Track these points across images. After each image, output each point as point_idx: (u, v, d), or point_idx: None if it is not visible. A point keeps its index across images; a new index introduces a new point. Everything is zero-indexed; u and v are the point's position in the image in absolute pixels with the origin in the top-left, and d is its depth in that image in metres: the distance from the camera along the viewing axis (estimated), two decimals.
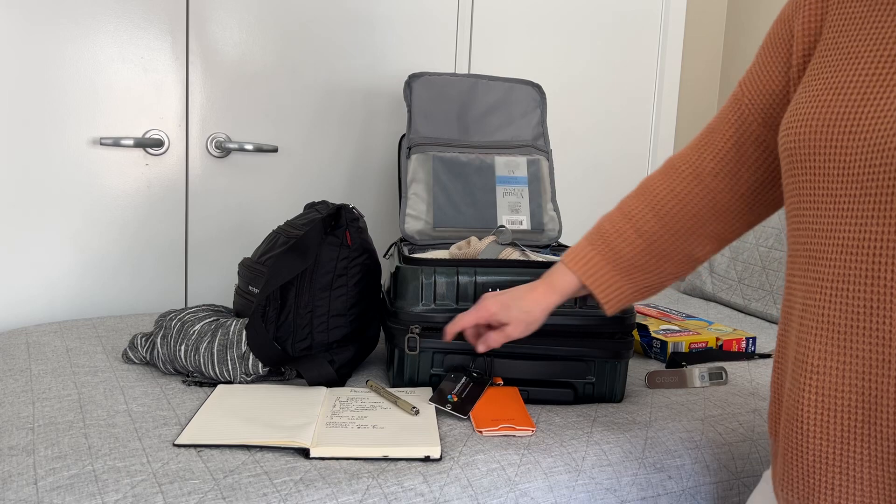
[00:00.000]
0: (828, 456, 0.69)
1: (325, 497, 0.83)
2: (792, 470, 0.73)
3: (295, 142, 1.83)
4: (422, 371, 1.15)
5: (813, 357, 0.70)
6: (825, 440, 0.69)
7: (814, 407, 0.70)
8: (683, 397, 1.21)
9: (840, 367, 0.68)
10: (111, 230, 1.67)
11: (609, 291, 0.93)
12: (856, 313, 0.67)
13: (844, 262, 0.68)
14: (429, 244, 1.50)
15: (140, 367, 1.23)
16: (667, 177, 0.92)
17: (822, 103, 0.70)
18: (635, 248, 0.92)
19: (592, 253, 0.94)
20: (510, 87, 1.66)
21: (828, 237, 0.69)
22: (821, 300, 0.70)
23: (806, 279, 0.72)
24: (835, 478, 0.69)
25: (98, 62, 1.61)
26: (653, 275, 0.93)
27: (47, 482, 0.83)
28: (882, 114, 0.64)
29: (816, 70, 0.74)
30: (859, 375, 0.67)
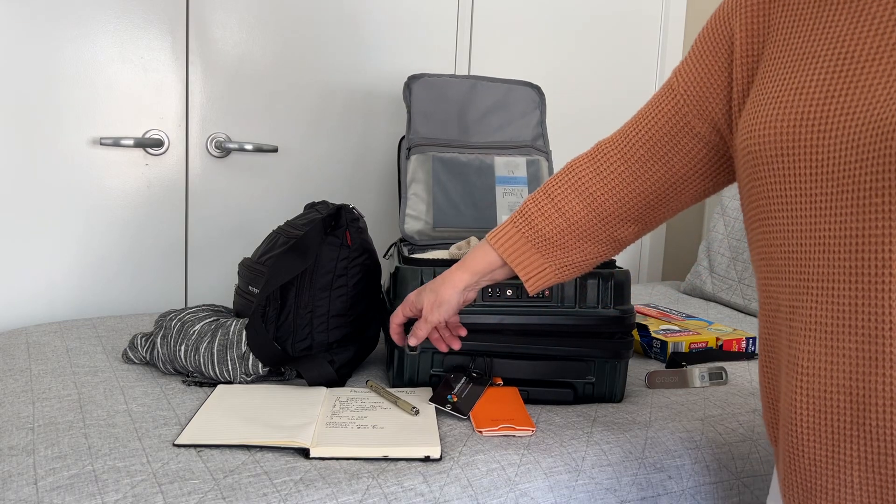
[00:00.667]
0: (821, 459, 0.69)
1: (325, 497, 0.83)
2: (791, 474, 0.73)
3: (295, 142, 1.83)
4: (422, 371, 1.15)
5: (802, 359, 0.70)
6: (818, 443, 0.69)
7: (806, 410, 0.70)
8: (683, 397, 1.21)
9: (829, 367, 0.68)
10: (111, 230, 1.67)
11: (530, 269, 0.94)
12: (842, 312, 0.67)
13: (827, 260, 0.67)
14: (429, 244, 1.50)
15: (140, 367, 1.23)
16: (593, 160, 0.92)
17: (783, 104, 0.70)
18: (556, 227, 0.92)
19: (513, 231, 0.94)
20: (509, 88, 1.66)
21: (807, 238, 0.69)
22: (808, 301, 0.70)
23: (790, 280, 0.72)
24: (828, 481, 0.69)
25: (98, 62, 1.61)
26: (574, 253, 0.93)
27: (47, 482, 0.83)
28: (850, 110, 0.64)
29: (770, 71, 0.74)
30: (847, 375, 0.66)
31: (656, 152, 0.89)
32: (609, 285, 1.14)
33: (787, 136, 0.69)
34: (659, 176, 0.89)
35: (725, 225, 2.04)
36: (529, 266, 0.94)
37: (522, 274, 0.94)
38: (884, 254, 0.63)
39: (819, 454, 0.69)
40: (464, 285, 0.98)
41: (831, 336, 0.68)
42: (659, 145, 0.88)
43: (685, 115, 0.86)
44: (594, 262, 0.95)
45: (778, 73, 0.73)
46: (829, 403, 0.68)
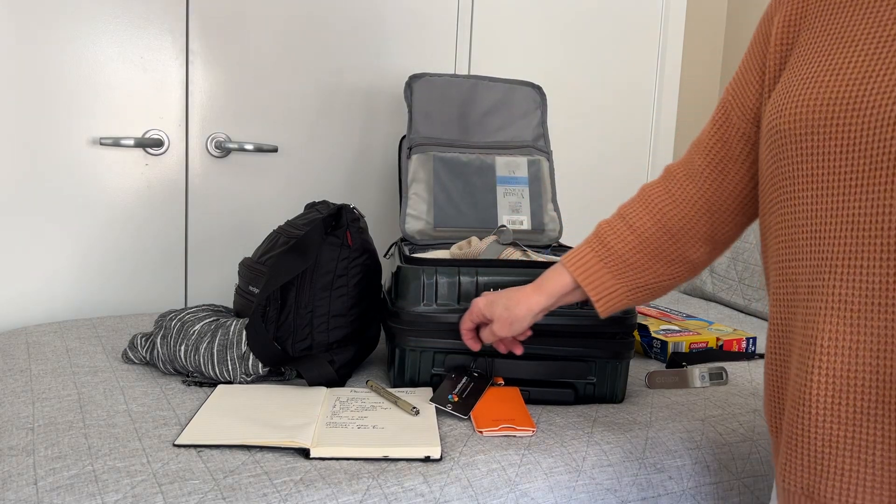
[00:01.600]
0: (838, 439, 0.68)
1: (325, 497, 0.83)
2: (797, 457, 0.72)
3: (295, 142, 1.83)
4: (423, 371, 1.15)
5: (822, 339, 0.69)
6: (835, 423, 0.68)
7: (823, 389, 0.69)
8: (684, 397, 1.21)
9: (853, 346, 0.67)
10: (111, 230, 1.67)
11: (601, 290, 0.94)
12: (870, 290, 0.66)
13: (855, 238, 0.67)
14: (429, 244, 1.50)
15: (140, 367, 1.23)
16: (662, 179, 0.95)
17: (817, 84, 0.70)
18: (628, 245, 0.93)
19: (587, 252, 0.95)
20: (511, 88, 1.66)
21: (834, 216, 0.69)
22: (831, 279, 0.69)
23: (811, 259, 0.71)
24: (845, 462, 0.68)
25: (98, 62, 1.61)
26: (646, 274, 0.93)
27: (47, 482, 0.83)
28: (887, 89, 0.65)
29: (804, 55, 0.75)
30: (874, 354, 0.66)
31: (712, 160, 0.90)
32: None
33: (818, 115, 0.69)
34: (719, 185, 0.90)
35: None
36: (601, 287, 0.94)
37: (594, 295, 0.94)
38: None
39: (836, 435, 0.68)
40: (539, 308, 0.98)
41: (858, 314, 0.67)
42: (713, 153, 0.90)
43: (731, 118, 0.88)
44: (667, 286, 0.95)
45: (812, 57, 0.73)
46: (851, 382, 0.67)
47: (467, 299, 1.13)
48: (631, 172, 2.33)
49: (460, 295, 1.13)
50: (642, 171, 2.35)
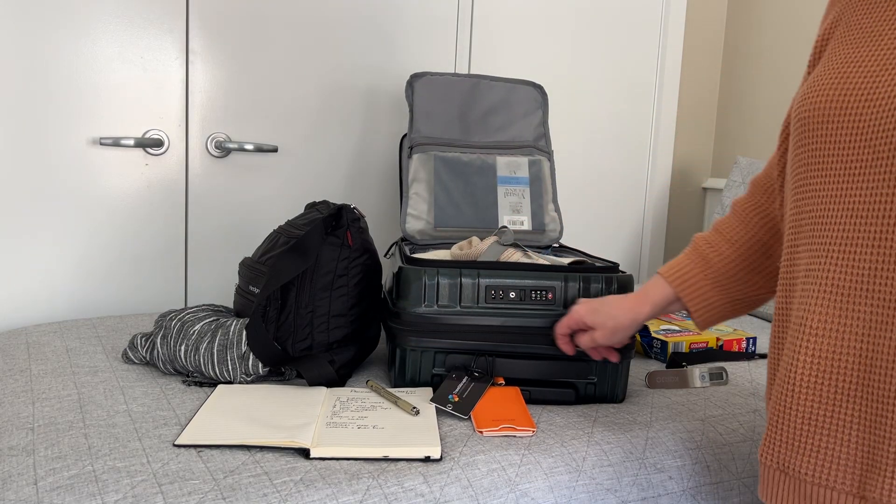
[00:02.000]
0: (818, 417, 0.71)
1: (326, 497, 0.83)
2: (778, 432, 0.74)
3: (295, 142, 1.83)
4: (423, 371, 1.15)
5: (813, 320, 0.72)
6: (817, 401, 0.71)
7: (808, 368, 0.72)
8: (684, 397, 1.21)
9: (840, 329, 0.70)
10: (111, 230, 1.67)
11: (699, 301, 0.97)
12: (861, 275, 0.69)
13: (853, 225, 0.70)
14: (430, 244, 1.50)
15: (140, 367, 1.23)
16: (749, 194, 0.98)
17: (841, 75, 0.73)
18: (726, 258, 0.96)
19: (687, 263, 0.99)
20: (512, 88, 1.66)
21: (836, 202, 0.71)
22: (826, 264, 0.71)
23: (811, 244, 0.74)
24: (822, 439, 0.71)
25: (98, 62, 1.61)
26: (745, 287, 0.96)
27: (47, 482, 0.83)
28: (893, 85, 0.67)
29: (836, 48, 0.77)
30: (859, 337, 0.69)
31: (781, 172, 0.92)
32: (612, 290, 1.14)
33: (836, 104, 0.72)
34: None
35: None
36: (700, 298, 0.97)
37: (692, 306, 0.98)
38: None
39: (816, 412, 0.71)
40: (643, 318, 1.01)
41: (847, 298, 0.70)
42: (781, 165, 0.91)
43: None
44: (764, 298, 0.97)
45: (842, 50, 0.76)
46: (837, 364, 0.70)
47: (468, 300, 1.13)
48: (631, 172, 2.33)
49: (462, 296, 1.13)
50: (642, 171, 2.35)
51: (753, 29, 2.31)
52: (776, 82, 2.22)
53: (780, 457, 0.74)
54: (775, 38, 2.24)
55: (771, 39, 2.25)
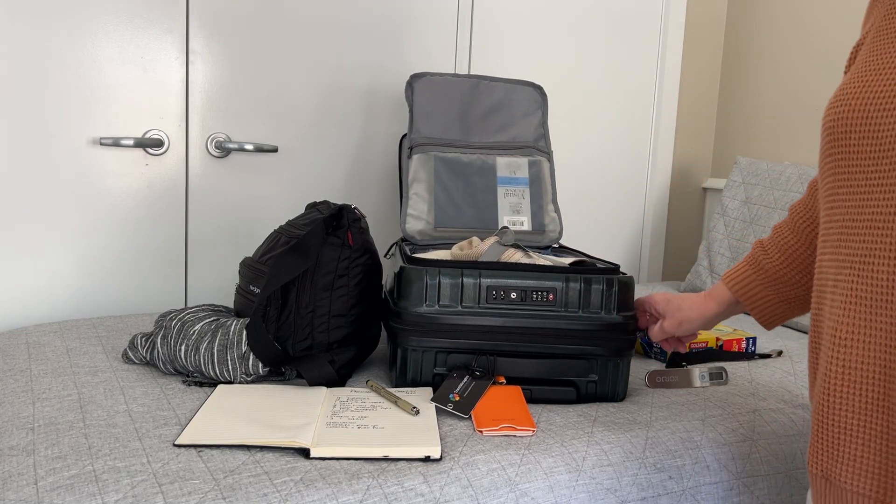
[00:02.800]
0: (851, 427, 0.72)
1: (326, 497, 0.83)
2: (820, 442, 0.76)
3: (295, 142, 1.83)
4: (425, 370, 1.15)
5: (842, 331, 0.73)
6: (850, 412, 0.72)
7: (841, 379, 0.72)
8: (683, 397, 1.21)
9: (866, 340, 0.70)
10: (111, 230, 1.67)
11: (756, 302, 1.06)
12: (881, 287, 0.69)
13: (873, 237, 0.70)
14: (430, 244, 1.50)
15: (140, 367, 1.23)
16: (804, 196, 1.03)
17: (865, 83, 0.73)
18: (777, 263, 1.04)
19: (744, 268, 1.08)
20: (512, 88, 1.66)
21: (859, 213, 0.72)
22: (850, 275, 0.72)
23: (838, 255, 0.74)
24: (857, 449, 0.72)
25: (98, 62, 1.61)
26: (797, 288, 1.04)
27: (47, 482, 0.83)
28: None
29: (864, 56, 0.77)
30: (882, 348, 0.69)
31: None
32: (613, 291, 1.14)
33: (858, 114, 0.72)
34: None
35: (725, 225, 2.04)
36: (755, 297, 1.06)
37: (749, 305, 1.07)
38: None
39: (850, 422, 0.72)
40: (712, 315, 1.10)
41: (870, 310, 0.70)
42: None
43: None
44: None
45: (869, 57, 0.75)
46: (864, 374, 0.71)
47: (470, 301, 1.13)
48: (631, 173, 2.33)
49: (463, 296, 1.13)
50: (642, 171, 2.35)
51: (753, 29, 2.31)
52: (776, 82, 2.22)
53: (823, 465, 0.75)
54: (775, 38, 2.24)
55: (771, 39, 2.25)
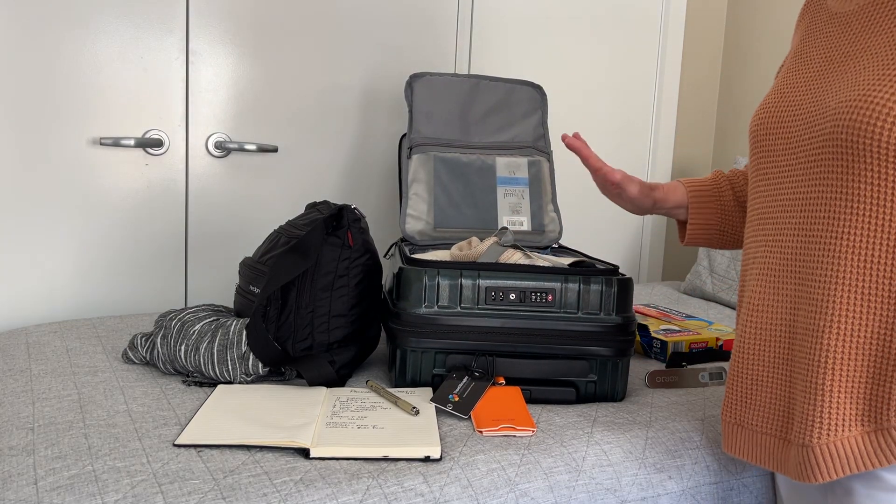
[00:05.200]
0: (762, 379, 0.87)
1: (325, 497, 0.83)
2: (735, 394, 0.91)
3: (295, 142, 1.83)
4: (424, 371, 1.15)
5: (755, 298, 0.88)
6: (761, 366, 0.87)
7: (754, 339, 0.88)
8: (683, 397, 1.21)
9: (774, 304, 0.86)
10: (111, 230, 1.67)
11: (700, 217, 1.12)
12: (787, 259, 0.84)
13: (782, 219, 0.85)
14: (429, 244, 1.50)
15: (140, 367, 1.23)
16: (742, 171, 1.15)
17: (780, 96, 0.89)
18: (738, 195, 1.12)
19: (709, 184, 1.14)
20: (511, 88, 1.66)
21: (773, 201, 0.87)
22: (764, 252, 0.88)
23: (756, 236, 0.90)
24: (765, 397, 0.87)
25: (98, 62, 1.61)
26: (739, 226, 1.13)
27: (47, 482, 0.83)
28: (820, 100, 0.82)
29: (783, 73, 0.93)
30: (787, 311, 0.84)
31: None
32: (612, 292, 1.14)
33: (773, 120, 0.88)
34: None
35: None
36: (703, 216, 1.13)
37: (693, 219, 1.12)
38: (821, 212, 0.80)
39: (761, 375, 0.87)
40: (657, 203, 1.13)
41: (778, 279, 0.85)
42: None
43: None
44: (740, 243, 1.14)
45: (785, 74, 0.92)
46: (772, 333, 0.86)
47: (468, 302, 1.13)
48: (631, 172, 2.33)
49: (462, 297, 1.13)
50: (643, 171, 2.35)
51: (753, 29, 2.31)
52: None
53: (737, 413, 0.91)
54: (775, 39, 2.24)
55: (771, 39, 2.25)
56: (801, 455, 0.81)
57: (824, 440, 0.79)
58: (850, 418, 0.79)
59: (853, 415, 0.79)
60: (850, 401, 0.79)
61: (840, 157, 0.78)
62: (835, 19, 0.87)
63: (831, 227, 0.79)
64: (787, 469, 0.84)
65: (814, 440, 0.80)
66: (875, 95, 0.75)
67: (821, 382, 0.79)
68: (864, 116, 0.75)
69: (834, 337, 0.78)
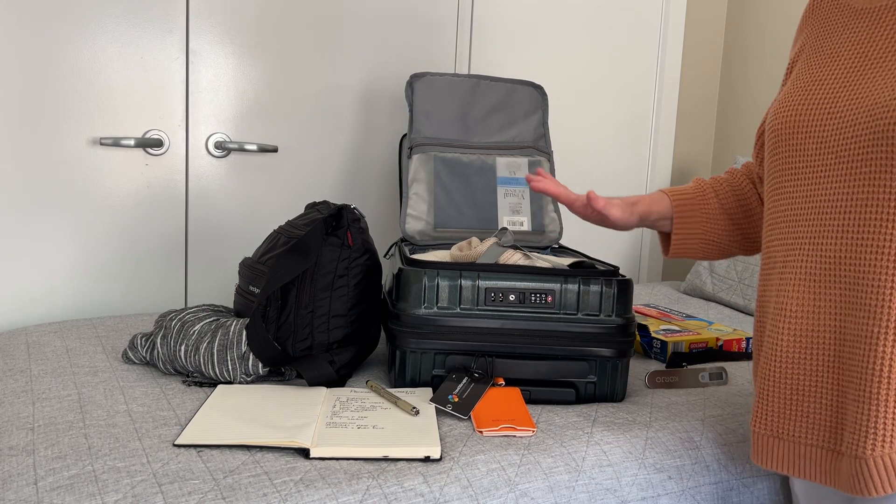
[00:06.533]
0: (804, 388, 0.83)
1: (325, 497, 0.83)
2: (768, 404, 0.87)
3: (295, 142, 1.83)
4: (423, 372, 1.15)
5: (791, 304, 0.84)
6: (802, 375, 0.83)
7: (792, 345, 0.84)
8: (683, 397, 1.21)
9: (816, 310, 0.82)
10: (111, 230, 1.67)
11: (685, 228, 1.09)
12: (829, 263, 0.80)
13: (820, 220, 0.81)
14: (429, 244, 1.50)
15: (140, 367, 1.23)
16: (740, 171, 1.12)
17: (807, 93, 0.85)
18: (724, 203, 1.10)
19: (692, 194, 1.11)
20: (512, 88, 1.66)
21: (806, 201, 0.83)
22: (800, 255, 0.83)
23: (787, 238, 0.85)
24: (809, 406, 0.83)
25: (98, 62, 1.61)
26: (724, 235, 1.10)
27: (47, 482, 0.83)
28: (856, 98, 0.79)
29: (803, 69, 0.89)
30: (834, 317, 0.80)
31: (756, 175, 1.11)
32: (612, 293, 1.14)
33: (803, 118, 0.84)
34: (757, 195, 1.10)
35: None
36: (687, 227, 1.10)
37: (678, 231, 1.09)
38: (869, 213, 0.77)
39: (802, 384, 0.83)
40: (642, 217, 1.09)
41: (819, 284, 0.81)
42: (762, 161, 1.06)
43: None
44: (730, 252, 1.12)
45: (807, 72, 0.88)
46: (815, 341, 0.82)
47: (468, 303, 1.13)
48: (630, 173, 2.33)
49: (461, 298, 1.13)
50: (642, 171, 2.35)
51: (753, 29, 2.31)
52: (776, 83, 2.22)
53: (773, 424, 0.86)
54: (775, 39, 2.24)
55: (771, 40, 2.25)
56: (854, 467, 0.78)
57: (878, 452, 0.76)
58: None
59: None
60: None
61: (888, 155, 0.75)
62: (861, 15, 0.84)
63: (882, 228, 0.76)
64: (839, 482, 0.81)
65: (867, 452, 0.77)
66: None
67: (875, 392, 0.76)
68: None
69: (890, 344, 0.75)
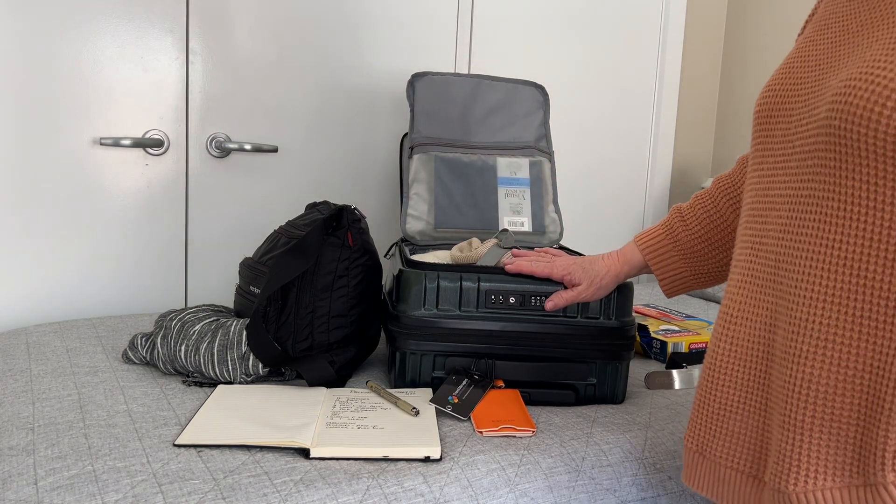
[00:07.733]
0: (732, 404, 0.73)
1: (325, 497, 0.83)
2: (700, 417, 0.77)
3: (295, 142, 1.83)
4: (423, 373, 1.15)
5: (733, 308, 0.74)
6: (732, 389, 0.73)
7: (727, 356, 0.74)
8: (683, 398, 1.21)
9: (752, 317, 0.72)
10: (111, 230, 1.67)
11: (667, 272, 1.06)
12: (769, 266, 0.70)
13: (770, 219, 0.71)
14: (430, 245, 1.50)
15: (140, 367, 1.23)
16: (731, 171, 1.05)
17: (789, 70, 0.74)
18: (694, 234, 1.04)
19: (660, 236, 1.07)
20: (513, 88, 1.66)
21: (764, 196, 0.73)
22: (748, 254, 0.74)
23: (742, 238, 0.76)
24: (735, 425, 0.73)
25: (98, 62, 1.61)
26: (710, 262, 1.05)
27: (47, 482, 0.83)
28: (824, 78, 0.68)
29: (798, 46, 0.78)
30: (766, 327, 0.70)
31: None
32: (612, 296, 1.14)
33: (776, 100, 0.74)
34: None
35: None
36: (667, 270, 1.07)
37: (660, 276, 1.07)
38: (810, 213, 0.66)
39: (731, 399, 0.73)
40: (623, 276, 1.09)
41: (759, 288, 0.71)
42: None
43: None
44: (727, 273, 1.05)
45: (800, 48, 0.77)
46: (748, 352, 0.72)
47: (468, 305, 1.13)
48: (631, 173, 2.33)
49: (462, 300, 1.13)
50: (643, 171, 2.35)
51: (753, 29, 2.31)
52: None
53: (700, 441, 0.76)
54: (775, 39, 2.24)
55: (771, 39, 2.25)
56: (777, 502, 0.68)
57: (801, 488, 0.65)
58: (834, 466, 0.64)
59: (837, 462, 0.64)
60: (833, 444, 0.64)
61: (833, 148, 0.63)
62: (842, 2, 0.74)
63: (820, 232, 0.64)
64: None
65: (790, 487, 0.66)
66: (877, 73, 0.60)
67: (800, 419, 0.65)
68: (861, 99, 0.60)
69: (818, 365, 0.64)
